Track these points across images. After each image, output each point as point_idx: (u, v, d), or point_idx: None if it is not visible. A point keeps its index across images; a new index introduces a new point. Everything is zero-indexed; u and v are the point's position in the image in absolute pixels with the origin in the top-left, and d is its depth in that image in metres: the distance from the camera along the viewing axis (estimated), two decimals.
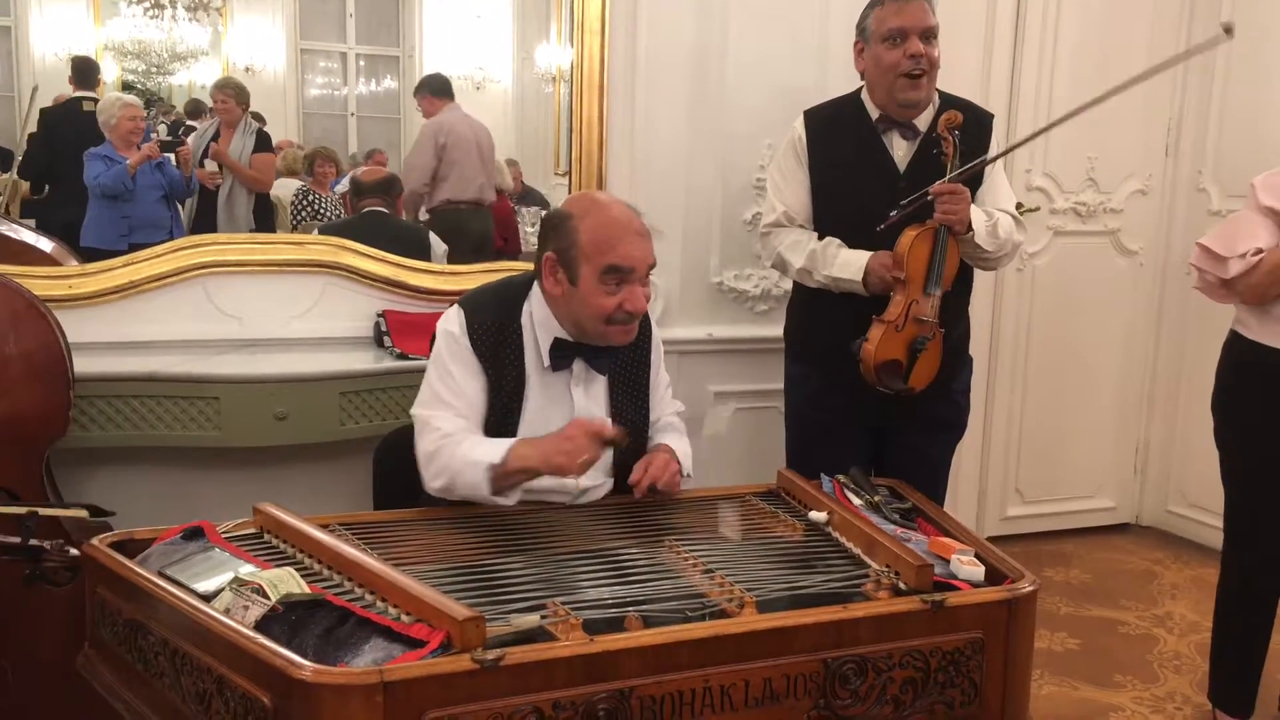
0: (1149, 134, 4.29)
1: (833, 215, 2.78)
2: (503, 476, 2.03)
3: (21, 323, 2.56)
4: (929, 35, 2.66)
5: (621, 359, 2.27)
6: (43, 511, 2.09)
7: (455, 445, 2.08)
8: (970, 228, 2.59)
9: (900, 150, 2.74)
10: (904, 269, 2.58)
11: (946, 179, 2.57)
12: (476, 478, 2.03)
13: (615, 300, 2.08)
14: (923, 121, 2.74)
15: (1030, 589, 1.81)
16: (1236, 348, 2.80)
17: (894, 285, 2.61)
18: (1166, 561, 4.21)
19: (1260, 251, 2.62)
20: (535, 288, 2.21)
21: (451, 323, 2.19)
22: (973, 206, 2.62)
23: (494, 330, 2.18)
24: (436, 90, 3.65)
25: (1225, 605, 2.91)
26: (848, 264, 2.68)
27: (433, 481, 2.11)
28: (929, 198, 2.56)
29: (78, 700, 2.05)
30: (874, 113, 2.75)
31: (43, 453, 2.59)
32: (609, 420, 2.18)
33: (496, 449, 2.04)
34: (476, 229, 3.69)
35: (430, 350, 2.25)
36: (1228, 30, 2.44)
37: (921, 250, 2.58)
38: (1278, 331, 2.68)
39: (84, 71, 3.42)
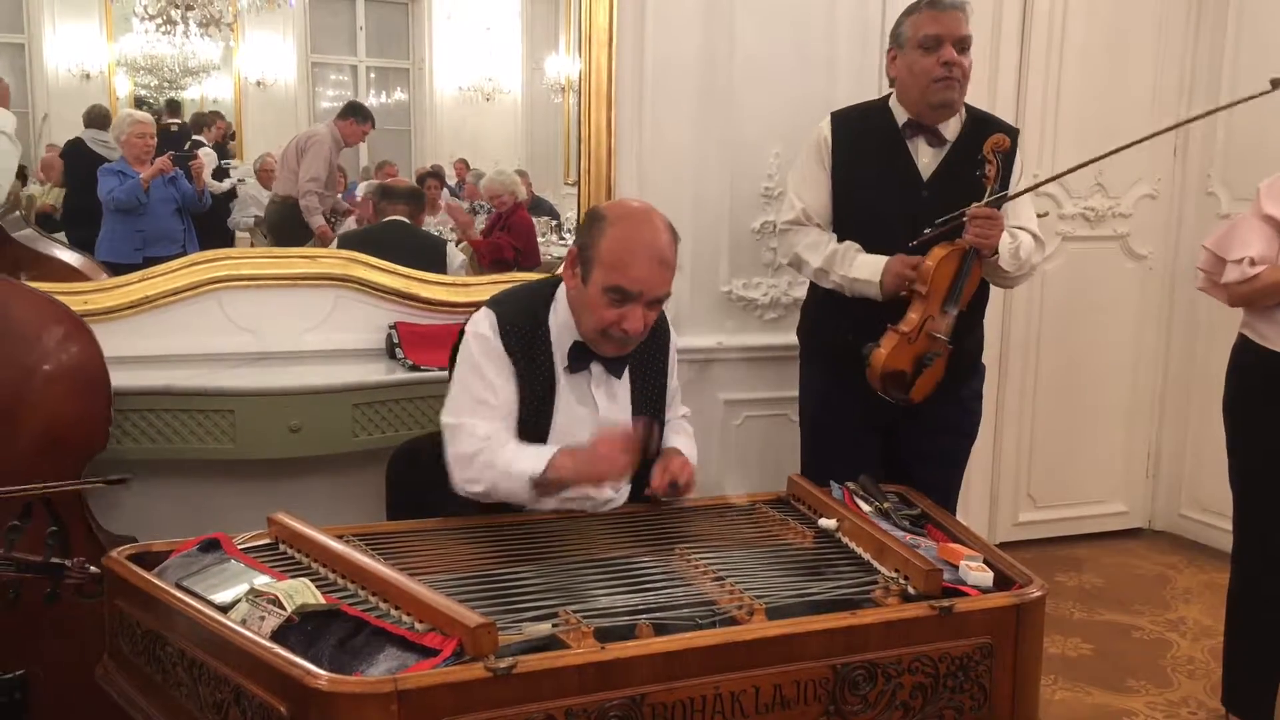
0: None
1: (852, 217, 2.79)
2: (543, 486, 2.07)
3: (66, 338, 2.59)
4: (963, 45, 2.68)
5: (641, 364, 2.29)
6: (55, 488, 2.14)
7: (494, 453, 2.10)
8: (996, 251, 2.61)
9: (925, 157, 2.76)
10: (927, 283, 2.59)
11: (984, 203, 2.58)
12: (518, 487, 2.08)
13: (615, 315, 2.09)
14: (949, 131, 2.76)
15: (1038, 594, 1.82)
16: (1244, 352, 2.81)
17: (913, 297, 2.62)
18: (1180, 566, 4.20)
19: (1253, 261, 2.64)
20: (560, 291, 2.22)
21: (482, 325, 2.19)
22: None
23: (525, 330, 2.18)
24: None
25: (1236, 609, 2.91)
26: (865, 265, 2.69)
27: (469, 486, 2.13)
28: (964, 219, 2.58)
29: (97, 712, 2.06)
30: (901, 118, 2.76)
31: (83, 466, 2.60)
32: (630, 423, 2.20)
33: (538, 461, 2.07)
34: (281, 218, 3.77)
35: (447, 360, 2.26)
36: (1275, 84, 2.48)
37: (948, 269, 2.60)
38: None
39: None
